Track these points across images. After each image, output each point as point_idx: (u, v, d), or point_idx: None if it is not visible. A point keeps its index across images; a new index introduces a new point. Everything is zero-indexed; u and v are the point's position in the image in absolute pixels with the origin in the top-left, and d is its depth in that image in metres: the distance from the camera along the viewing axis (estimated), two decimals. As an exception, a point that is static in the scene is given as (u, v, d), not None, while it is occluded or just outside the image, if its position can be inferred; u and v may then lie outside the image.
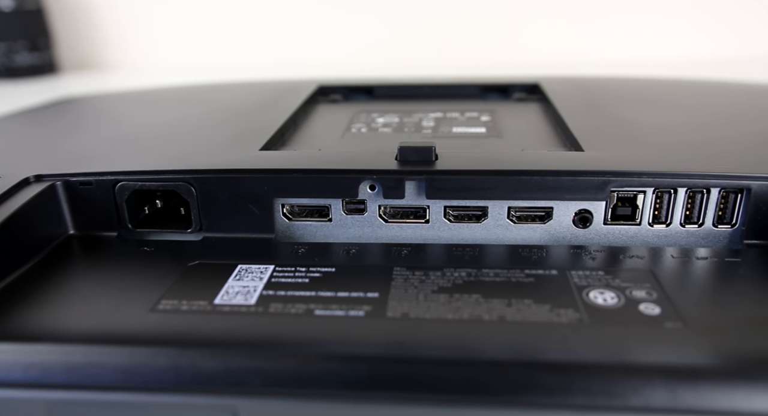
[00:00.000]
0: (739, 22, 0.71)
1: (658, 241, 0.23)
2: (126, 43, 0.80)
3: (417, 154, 0.23)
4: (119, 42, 0.80)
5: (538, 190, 0.22)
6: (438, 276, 0.21)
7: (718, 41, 0.71)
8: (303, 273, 0.21)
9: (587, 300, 0.19)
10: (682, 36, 0.72)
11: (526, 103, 0.37)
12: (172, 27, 0.78)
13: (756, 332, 0.17)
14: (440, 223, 0.24)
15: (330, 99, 0.39)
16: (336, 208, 0.24)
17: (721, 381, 0.15)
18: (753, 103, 0.34)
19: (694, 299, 0.19)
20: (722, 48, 0.72)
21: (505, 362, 0.15)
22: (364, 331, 0.17)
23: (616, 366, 0.15)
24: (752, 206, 0.22)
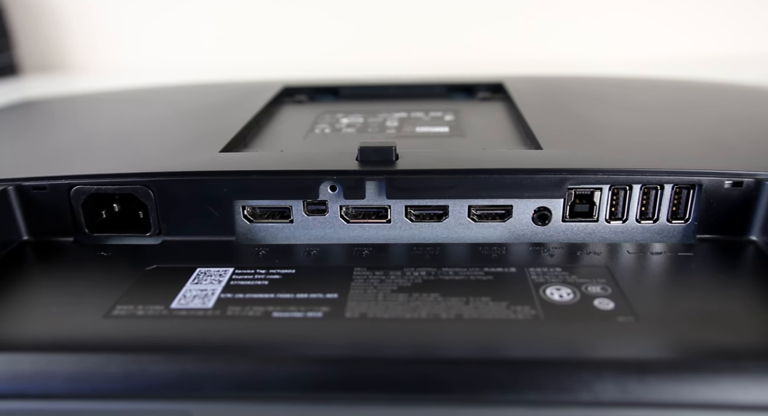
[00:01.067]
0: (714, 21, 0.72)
1: (615, 237, 0.24)
2: (89, 44, 0.78)
3: (377, 154, 0.23)
4: (82, 43, 0.78)
5: (497, 188, 0.23)
6: (398, 275, 0.21)
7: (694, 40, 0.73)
8: (262, 276, 0.21)
9: (544, 296, 0.19)
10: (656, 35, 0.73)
11: (490, 103, 0.37)
12: (137, 27, 0.77)
13: (703, 324, 0.17)
14: (402, 223, 0.24)
15: (295, 100, 0.39)
16: (297, 209, 0.24)
17: (668, 373, 0.15)
18: (709, 101, 0.34)
19: (646, 293, 0.19)
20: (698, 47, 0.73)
21: (460, 360, 0.15)
22: (320, 333, 0.17)
23: (566, 361, 0.15)
24: (704, 201, 0.22)
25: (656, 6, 0.72)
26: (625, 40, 0.73)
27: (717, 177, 0.22)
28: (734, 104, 0.34)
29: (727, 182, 0.22)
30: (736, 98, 0.36)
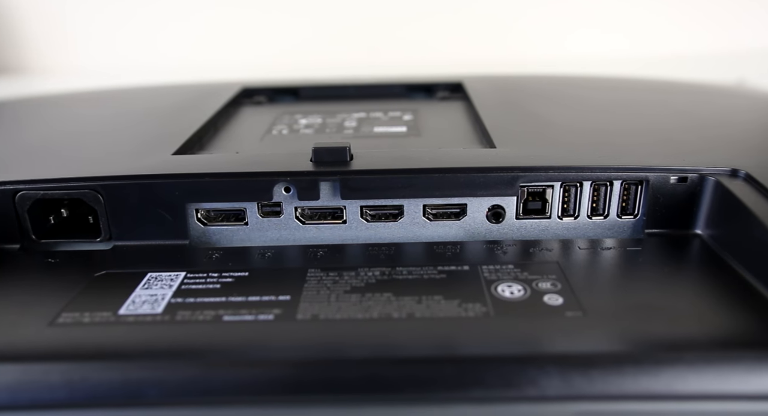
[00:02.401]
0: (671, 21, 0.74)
1: (568, 233, 0.24)
2: (43, 46, 0.76)
3: (331, 154, 0.23)
4: (35, 44, 0.76)
5: (450, 187, 0.23)
6: (352, 276, 0.21)
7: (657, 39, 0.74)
8: (215, 279, 0.21)
9: (495, 293, 0.19)
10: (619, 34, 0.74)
11: (448, 102, 0.37)
12: (91, 29, 0.75)
13: (647, 317, 0.18)
14: (357, 223, 0.24)
15: (254, 101, 0.39)
16: (252, 211, 0.24)
17: (612, 367, 0.15)
18: (661, 99, 0.35)
19: (595, 288, 0.19)
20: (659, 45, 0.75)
21: (408, 359, 0.16)
22: (270, 336, 0.17)
23: (512, 358, 0.16)
24: (651, 197, 0.23)
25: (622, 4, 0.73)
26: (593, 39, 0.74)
27: (663, 173, 0.23)
28: (686, 102, 0.35)
29: (673, 178, 0.23)
30: (689, 96, 0.37)
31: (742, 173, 0.22)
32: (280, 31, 0.75)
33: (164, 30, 0.75)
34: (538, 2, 0.73)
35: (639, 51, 0.74)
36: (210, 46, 0.76)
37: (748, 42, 0.74)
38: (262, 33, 0.75)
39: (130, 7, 0.74)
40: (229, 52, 0.75)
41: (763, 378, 0.15)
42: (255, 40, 0.75)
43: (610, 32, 0.74)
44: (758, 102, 0.36)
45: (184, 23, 0.75)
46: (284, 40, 0.75)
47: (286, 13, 0.74)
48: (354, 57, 0.75)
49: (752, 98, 0.38)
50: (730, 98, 0.37)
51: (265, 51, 0.75)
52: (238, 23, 0.75)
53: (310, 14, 0.74)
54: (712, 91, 0.38)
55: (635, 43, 0.75)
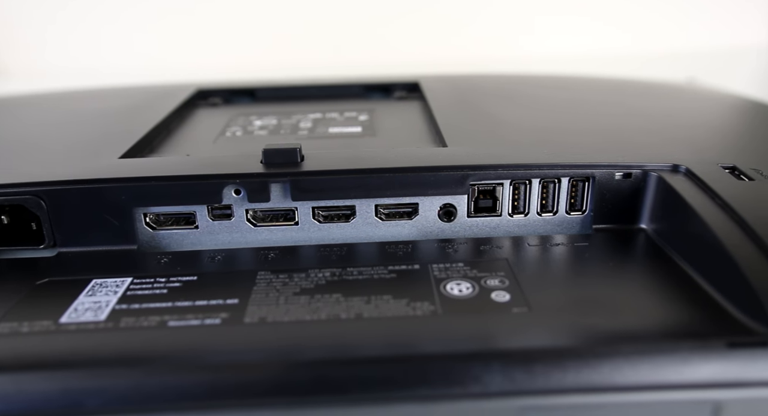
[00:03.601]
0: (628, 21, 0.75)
1: (519, 231, 0.24)
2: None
3: (281, 156, 0.23)
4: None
5: (401, 186, 0.23)
6: (302, 277, 0.21)
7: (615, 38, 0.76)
8: (162, 284, 0.20)
9: (444, 292, 0.19)
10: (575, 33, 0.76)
11: (405, 102, 0.38)
12: (46, 29, 0.73)
13: (590, 311, 0.18)
14: (309, 224, 0.24)
15: (210, 102, 0.38)
16: (201, 214, 0.23)
17: (553, 361, 0.16)
18: (611, 97, 0.36)
19: (541, 284, 0.20)
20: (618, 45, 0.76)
21: (351, 360, 0.16)
22: (216, 340, 0.17)
23: (456, 355, 0.16)
24: (598, 193, 0.23)
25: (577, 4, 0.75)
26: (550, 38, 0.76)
27: (608, 169, 0.23)
28: (635, 100, 0.36)
29: (618, 174, 0.23)
30: (639, 94, 0.38)
31: (683, 168, 0.23)
32: (240, 32, 0.74)
33: (121, 32, 0.74)
34: (495, 2, 0.74)
35: (595, 50, 0.76)
36: (170, 47, 0.74)
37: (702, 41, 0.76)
38: (222, 34, 0.74)
39: (86, 9, 0.73)
40: (188, 54, 0.74)
41: (698, 368, 0.15)
42: (214, 41, 0.74)
43: (566, 32, 0.76)
44: (704, 99, 0.38)
45: (142, 25, 0.73)
46: (245, 41, 0.74)
47: (247, 14, 0.74)
48: (317, 57, 0.74)
49: (699, 96, 0.39)
50: (679, 96, 0.38)
51: (224, 52, 0.74)
52: (198, 24, 0.74)
53: (272, 15, 0.74)
54: (662, 90, 0.39)
55: (590, 42, 0.76)
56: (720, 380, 0.15)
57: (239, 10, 0.73)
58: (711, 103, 0.36)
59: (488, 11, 0.75)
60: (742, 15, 0.76)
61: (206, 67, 0.73)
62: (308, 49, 0.75)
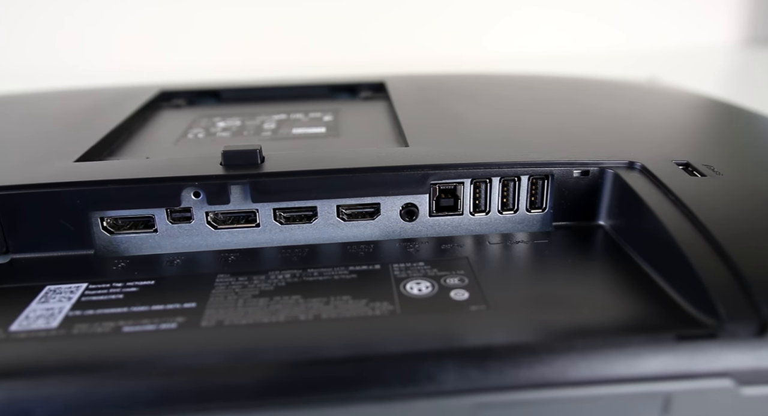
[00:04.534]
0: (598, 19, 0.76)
1: (480, 229, 0.24)
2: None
3: (241, 157, 0.23)
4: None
5: (362, 187, 0.23)
6: (262, 279, 0.20)
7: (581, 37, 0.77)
8: (118, 289, 0.20)
9: (403, 291, 0.19)
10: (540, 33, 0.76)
11: (371, 102, 0.38)
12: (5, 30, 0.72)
13: (547, 308, 0.18)
14: (271, 226, 0.24)
15: (173, 104, 0.38)
16: (161, 217, 0.23)
17: (508, 357, 0.16)
18: (570, 96, 0.36)
19: (500, 282, 0.20)
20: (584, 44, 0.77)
21: (305, 361, 0.15)
22: (171, 344, 0.17)
23: (411, 354, 0.16)
24: (557, 190, 0.24)
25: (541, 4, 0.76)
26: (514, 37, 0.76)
27: (566, 167, 0.23)
28: (596, 98, 0.36)
29: (576, 172, 0.23)
30: (600, 93, 0.38)
31: (638, 165, 0.23)
32: (207, 33, 0.73)
33: (82, 32, 0.72)
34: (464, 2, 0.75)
35: (561, 50, 0.77)
36: (137, 48, 0.73)
37: (667, 40, 0.78)
38: (189, 35, 0.73)
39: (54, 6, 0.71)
40: (154, 55, 0.73)
41: (648, 361, 0.16)
42: (179, 42, 0.73)
43: (532, 32, 0.76)
44: (663, 98, 0.38)
45: (106, 25, 0.72)
46: (212, 42, 0.74)
47: (214, 14, 0.73)
48: (284, 58, 0.74)
49: (659, 94, 0.39)
50: (638, 94, 0.39)
51: (190, 53, 0.74)
52: (165, 25, 0.73)
53: (239, 15, 0.73)
54: (622, 88, 0.40)
55: (555, 41, 0.77)
56: (669, 372, 0.15)
57: (207, 11, 0.72)
58: (669, 101, 0.37)
59: (456, 11, 0.75)
60: (706, 15, 0.78)
61: (175, 69, 0.72)
62: (276, 50, 0.74)
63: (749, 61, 0.70)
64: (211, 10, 0.72)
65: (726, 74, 0.68)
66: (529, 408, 0.15)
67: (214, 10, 0.72)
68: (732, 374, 0.15)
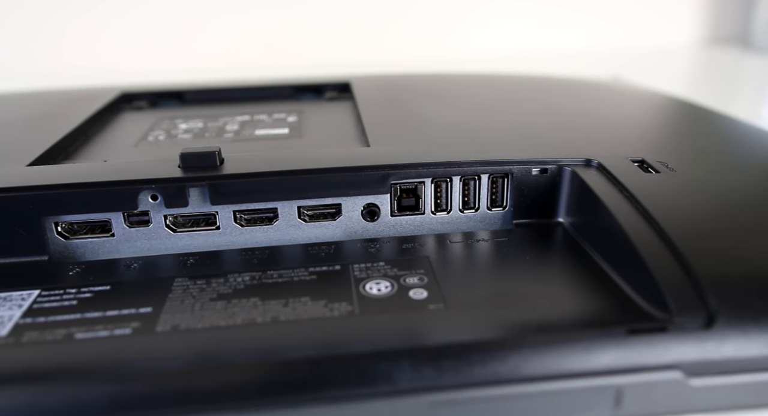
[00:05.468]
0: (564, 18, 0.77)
1: (442, 228, 0.24)
2: None
3: (200, 159, 0.23)
4: None
5: (322, 187, 0.23)
6: (220, 283, 0.20)
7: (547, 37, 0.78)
8: (72, 295, 0.20)
9: (363, 291, 0.19)
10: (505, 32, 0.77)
11: (335, 103, 0.37)
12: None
13: (504, 305, 0.18)
14: (231, 228, 0.23)
15: (134, 106, 0.37)
16: (117, 221, 0.23)
17: (463, 355, 0.16)
18: (533, 95, 0.37)
19: (460, 280, 0.20)
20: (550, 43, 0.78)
21: (258, 364, 0.15)
22: (124, 351, 0.17)
23: (367, 355, 0.16)
24: (516, 188, 0.24)
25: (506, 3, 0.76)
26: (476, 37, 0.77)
27: (525, 165, 0.24)
28: (558, 97, 0.37)
29: (535, 170, 0.24)
30: (563, 92, 0.39)
31: (595, 163, 0.23)
32: (174, 33, 0.73)
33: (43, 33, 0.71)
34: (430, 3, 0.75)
35: (528, 49, 0.77)
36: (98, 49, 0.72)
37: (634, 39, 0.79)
38: (153, 35, 0.72)
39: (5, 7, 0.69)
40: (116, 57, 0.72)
41: (600, 355, 0.16)
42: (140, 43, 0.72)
43: (500, 32, 0.77)
44: (625, 96, 0.39)
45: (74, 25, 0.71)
46: (178, 43, 0.73)
47: (180, 17, 0.72)
48: (252, 59, 0.73)
49: (621, 93, 0.40)
50: (602, 93, 0.39)
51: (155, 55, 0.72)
52: (128, 26, 0.71)
53: (207, 16, 0.72)
54: (586, 87, 0.41)
55: (524, 41, 0.78)
56: (621, 366, 0.16)
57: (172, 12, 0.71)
58: (630, 100, 0.38)
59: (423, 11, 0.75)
60: (671, 14, 0.80)
61: (138, 70, 0.71)
62: (244, 51, 0.73)
63: (711, 60, 0.72)
64: (176, 13, 0.71)
65: (689, 73, 0.70)
66: (483, 405, 0.15)
67: (179, 14, 0.71)
68: (681, 366, 0.16)
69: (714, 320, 0.16)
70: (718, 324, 0.16)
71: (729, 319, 0.16)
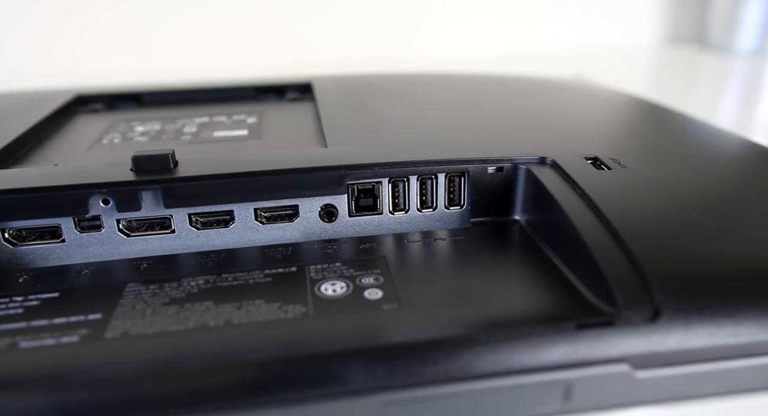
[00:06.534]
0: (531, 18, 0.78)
1: (400, 228, 0.25)
2: None
3: (152, 162, 0.22)
4: None
5: (277, 189, 0.23)
6: (174, 287, 0.20)
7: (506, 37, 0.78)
8: (18, 303, 0.19)
9: (318, 293, 0.19)
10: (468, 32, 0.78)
11: (297, 103, 0.37)
12: None
13: (458, 303, 0.18)
14: (187, 232, 0.23)
15: (90, 109, 0.36)
16: (68, 227, 0.22)
17: (414, 354, 0.16)
18: (494, 94, 0.37)
19: (415, 279, 0.20)
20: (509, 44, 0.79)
21: (204, 369, 0.15)
22: (71, 359, 0.16)
23: (318, 356, 0.16)
24: (473, 187, 0.24)
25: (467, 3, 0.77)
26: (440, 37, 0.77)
27: (480, 164, 0.24)
28: (518, 96, 0.37)
29: (490, 168, 0.24)
30: (523, 91, 0.39)
31: (549, 160, 0.24)
32: (133, 34, 0.71)
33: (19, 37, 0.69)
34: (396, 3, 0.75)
35: (491, 48, 0.78)
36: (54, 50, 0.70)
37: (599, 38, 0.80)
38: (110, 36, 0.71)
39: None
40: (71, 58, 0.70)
41: (550, 350, 0.16)
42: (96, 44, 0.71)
43: (467, 32, 0.78)
44: (585, 94, 0.40)
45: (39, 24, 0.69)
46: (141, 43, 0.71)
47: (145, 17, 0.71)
48: (215, 59, 0.73)
49: (581, 91, 0.41)
50: (562, 92, 0.40)
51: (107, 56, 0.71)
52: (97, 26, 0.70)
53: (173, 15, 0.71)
54: (547, 86, 0.41)
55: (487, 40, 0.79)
56: (570, 361, 0.16)
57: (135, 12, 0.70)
58: (590, 98, 0.38)
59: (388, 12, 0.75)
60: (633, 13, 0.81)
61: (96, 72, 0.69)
62: (210, 51, 0.73)
63: (670, 59, 0.74)
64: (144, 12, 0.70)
65: (649, 71, 0.71)
66: (435, 403, 0.15)
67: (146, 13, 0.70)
68: (628, 359, 0.16)
69: (660, 313, 0.17)
70: (664, 317, 0.16)
71: (673, 312, 0.16)
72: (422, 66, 0.60)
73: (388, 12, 0.76)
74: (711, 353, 0.16)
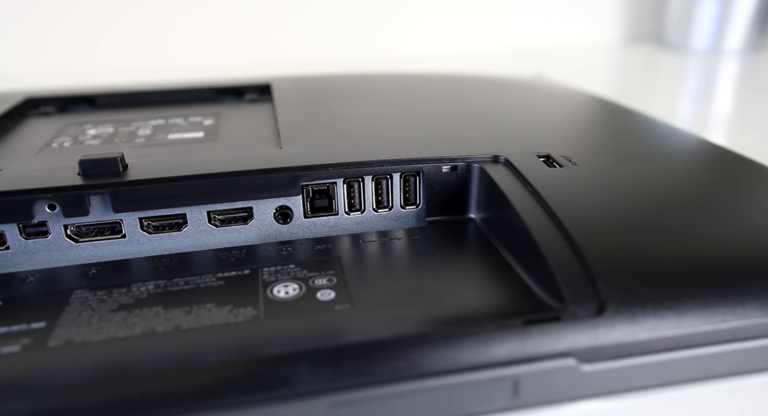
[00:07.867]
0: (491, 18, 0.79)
1: (357, 228, 0.24)
2: None
3: (100, 166, 0.22)
4: None
5: (230, 191, 0.22)
6: (122, 293, 0.20)
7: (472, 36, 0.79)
8: (-43, 314, 0.18)
9: (270, 295, 0.19)
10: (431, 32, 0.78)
11: (255, 105, 0.37)
12: None
13: (410, 302, 0.18)
14: (138, 236, 0.23)
15: (41, 112, 0.36)
16: (12, 233, 0.21)
17: (361, 354, 0.16)
18: (452, 94, 0.37)
19: (369, 279, 0.20)
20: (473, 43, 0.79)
21: (154, 375, 0.15)
22: (8, 369, 0.16)
23: (266, 359, 0.15)
24: (428, 186, 0.24)
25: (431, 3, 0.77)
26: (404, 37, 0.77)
27: (435, 163, 0.24)
28: (477, 96, 0.37)
29: (445, 167, 0.24)
30: (483, 90, 0.40)
31: (502, 159, 0.24)
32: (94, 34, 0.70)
33: None
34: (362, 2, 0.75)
35: (453, 47, 0.79)
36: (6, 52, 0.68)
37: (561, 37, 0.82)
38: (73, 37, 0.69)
39: None
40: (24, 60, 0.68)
41: (498, 347, 0.16)
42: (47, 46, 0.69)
43: (431, 31, 0.78)
44: (543, 93, 0.40)
45: None
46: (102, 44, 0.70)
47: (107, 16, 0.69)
48: (181, 60, 0.71)
49: (540, 90, 0.41)
50: (520, 91, 0.40)
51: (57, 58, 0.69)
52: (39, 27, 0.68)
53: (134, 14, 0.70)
54: (506, 85, 0.42)
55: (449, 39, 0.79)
56: (518, 356, 0.16)
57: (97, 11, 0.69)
58: (548, 97, 0.39)
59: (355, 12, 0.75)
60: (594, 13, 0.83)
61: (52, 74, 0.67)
62: (170, 52, 0.71)
63: (628, 58, 0.75)
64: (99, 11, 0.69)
65: (607, 70, 0.72)
66: (384, 403, 0.15)
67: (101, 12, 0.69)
68: (574, 353, 0.16)
69: (605, 307, 0.17)
70: (608, 311, 0.17)
71: (618, 306, 0.17)
72: (389, 66, 0.61)
73: (356, 12, 0.75)
74: (654, 345, 0.17)
